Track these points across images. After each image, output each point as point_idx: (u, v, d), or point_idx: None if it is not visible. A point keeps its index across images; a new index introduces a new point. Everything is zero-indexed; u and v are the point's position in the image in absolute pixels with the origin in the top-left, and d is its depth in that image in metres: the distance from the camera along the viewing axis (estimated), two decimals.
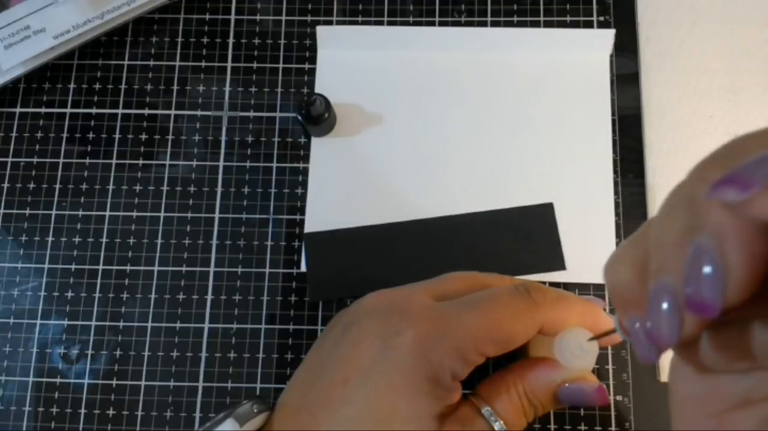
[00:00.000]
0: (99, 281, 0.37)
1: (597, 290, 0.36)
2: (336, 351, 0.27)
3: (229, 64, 0.40)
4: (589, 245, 0.36)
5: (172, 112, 0.40)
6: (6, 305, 0.37)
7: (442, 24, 0.40)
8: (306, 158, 0.39)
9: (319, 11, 0.41)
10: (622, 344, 0.34)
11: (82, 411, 0.35)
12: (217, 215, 0.38)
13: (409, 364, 0.25)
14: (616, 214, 0.37)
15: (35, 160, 0.39)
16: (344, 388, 0.26)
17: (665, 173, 0.37)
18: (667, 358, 0.34)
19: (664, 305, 0.15)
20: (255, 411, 0.27)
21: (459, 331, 0.26)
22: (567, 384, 0.27)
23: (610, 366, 0.35)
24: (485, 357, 0.26)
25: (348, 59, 0.40)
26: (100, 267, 0.37)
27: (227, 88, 0.40)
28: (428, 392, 0.25)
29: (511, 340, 0.26)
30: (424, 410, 0.25)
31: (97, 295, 0.37)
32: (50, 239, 0.38)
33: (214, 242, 0.37)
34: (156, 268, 0.37)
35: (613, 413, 0.34)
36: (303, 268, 0.37)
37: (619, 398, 0.34)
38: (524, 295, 0.27)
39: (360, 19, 0.41)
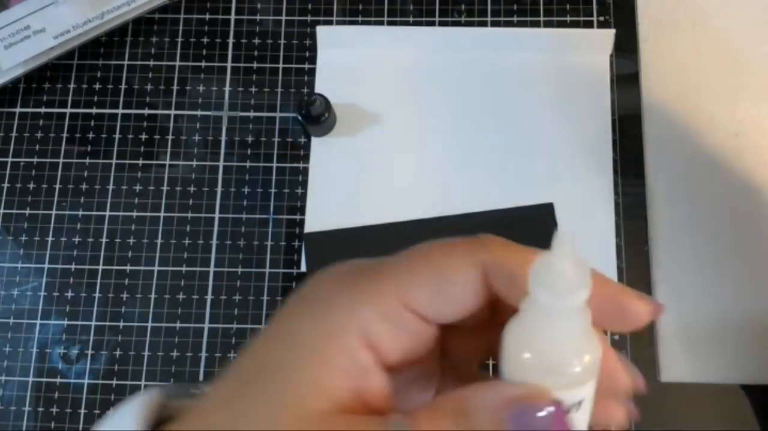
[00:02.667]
0: (99, 281, 0.37)
1: None
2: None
3: (229, 64, 0.40)
4: (589, 245, 0.36)
5: (172, 112, 0.40)
6: (6, 305, 0.37)
7: (442, 24, 0.40)
8: (306, 158, 0.38)
9: (319, 11, 0.41)
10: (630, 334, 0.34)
11: (82, 411, 0.35)
12: (217, 215, 0.38)
13: (313, 317, 0.19)
14: (616, 214, 0.37)
15: (35, 160, 0.39)
16: (256, 361, 0.19)
17: (665, 173, 0.37)
18: (664, 356, 0.34)
19: None
20: (194, 392, 0.21)
21: (375, 278, 0.19)
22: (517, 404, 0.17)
23: None
24: (423, 320, 0.18)
25: (348, 59, 0.40)
26: (100, 267, 0.37)
27: (227, 88, 0.40)
28: (329, 362, 0.17)
29: (446, 280, 0.19)
30: (328, 371, 0.17)
31: (97, 295, 0.37)
32: (50, 239, 0.38)
33: (214, 242, 0.37)
34: (156, 268, 0.37)
35: None
36: (303, 268, 0.37)
37: None
38: (474, 240, 0.20)
39: (360, 19, 0.41)
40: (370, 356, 0.18)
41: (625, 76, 0.39)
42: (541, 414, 0.16)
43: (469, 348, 0.21)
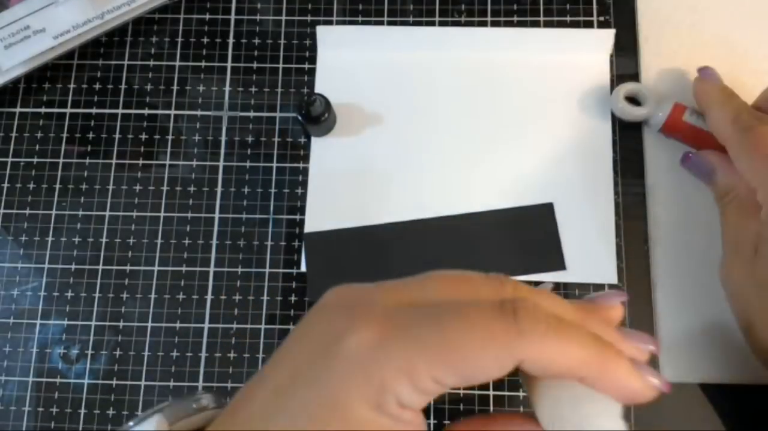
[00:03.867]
0: (99, 281, 0.37)
1: (597, 290, 0.36)
2: (280, 350, 0.23)
3: (229, 64, 0.40)
4: (589, 245, 0.36)
5: (172, 112, 0.40)
6: (6, 305, 0.37)
7: (442, 24, 0.40)
8: (306, 158, 0.39)
9: (319, 11, 0.41)
10: None
11: (82, 411, 0.35)
12: (217, 215, 0.38)
13: (345, 381, 0.20)
14: (616, 214, 0.37)
15: (35, 160, 0.39)
16: (278, 397, 0.21)
17: (665, 173, 0.37)
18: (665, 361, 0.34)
19: None
20: (194, 407, 0.23)
21: (409, 349, 0.20)
22: None
23: None
24: (446, 387, 0.21)
25: (348, 59, 0.40)
26: (100, 267, 0.37)
27: (227, 88, 0.40)
28: (367, 419, 0.20)
29: (477, 373, 0.20)
30: None
31: (97, 295, 0.37)
32: (50, 239, 0.38)
33: (214, 242, 0.37)
34: (156, 268, 0.37)
35: None
36: (303, 268, 0.37)
37: None
38: (507, 317, 0.21)
39: (360, 19, 0.41)
40: (408, 413, 0.21)
41: (625, 76, 0.39)
42: None
43: None
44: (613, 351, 0.21)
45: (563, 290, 0.36)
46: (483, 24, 0.40)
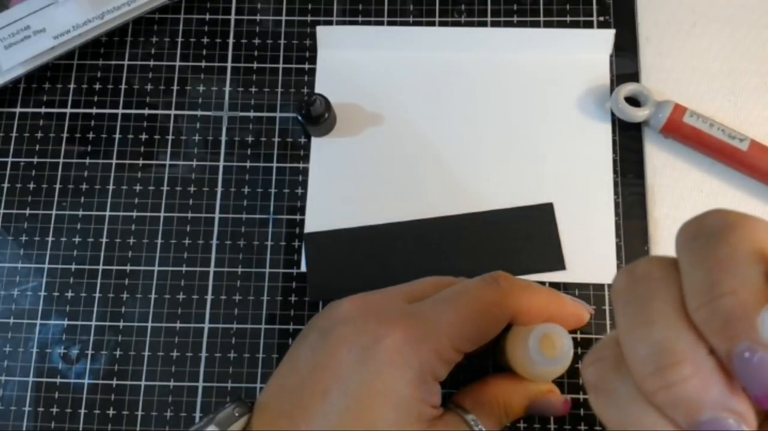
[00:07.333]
0: (99, 281, 0.37)
1: (597, 289, 0.36)
2: (312, 359, 0.27)
3: (229, 64, 0.40)
4: (589, 245, 0.36)
5: (172, 112, 0.40)
6: (6, 305, 0.37)
7: (442, 24, 0.40)
8: (306, 158, 0.39)
9: (319, 11, 0.41)
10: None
11: (82, 411, 0.35)
12: (217, 215, 0.38)
13: (389, 371, 0.25)
14: (616, 214, 0.37)
15: (35, 160, 0.39)
16: (324, 399, 0.25)
17: (665, 173, 0.37)
18: None
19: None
20: (236, 414, 0.27)
21: (435, 332, 0.26)
22: (539, 400, 0.30)
23: None
24: (462, 354, 0.27)
25: (348, 59, 0.40)
26: (100, 267, 0.37)
27: (227, 88, 0.40)
28: (411, 397, 0.25)
29: (485, 333, 0.27)
30: (410, 414, 0.25)
31: (97, 295, 0.37)
32: (50, 239, 0.38)
33: (214, 242, 0.37)
34: (156, 268, 0.37)
35: None
36: (303, 268, 0.37)
37: None
38: (492, 285, 0.27)
39: (360, 19, 0.41)
40: (437, 385, 0.26)
41: (625, 76, 0.39)
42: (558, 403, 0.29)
43: None
44: (562, 295, 0.30)
45: (563, 290, 0.36)
46: (483, 24, 0.40)
